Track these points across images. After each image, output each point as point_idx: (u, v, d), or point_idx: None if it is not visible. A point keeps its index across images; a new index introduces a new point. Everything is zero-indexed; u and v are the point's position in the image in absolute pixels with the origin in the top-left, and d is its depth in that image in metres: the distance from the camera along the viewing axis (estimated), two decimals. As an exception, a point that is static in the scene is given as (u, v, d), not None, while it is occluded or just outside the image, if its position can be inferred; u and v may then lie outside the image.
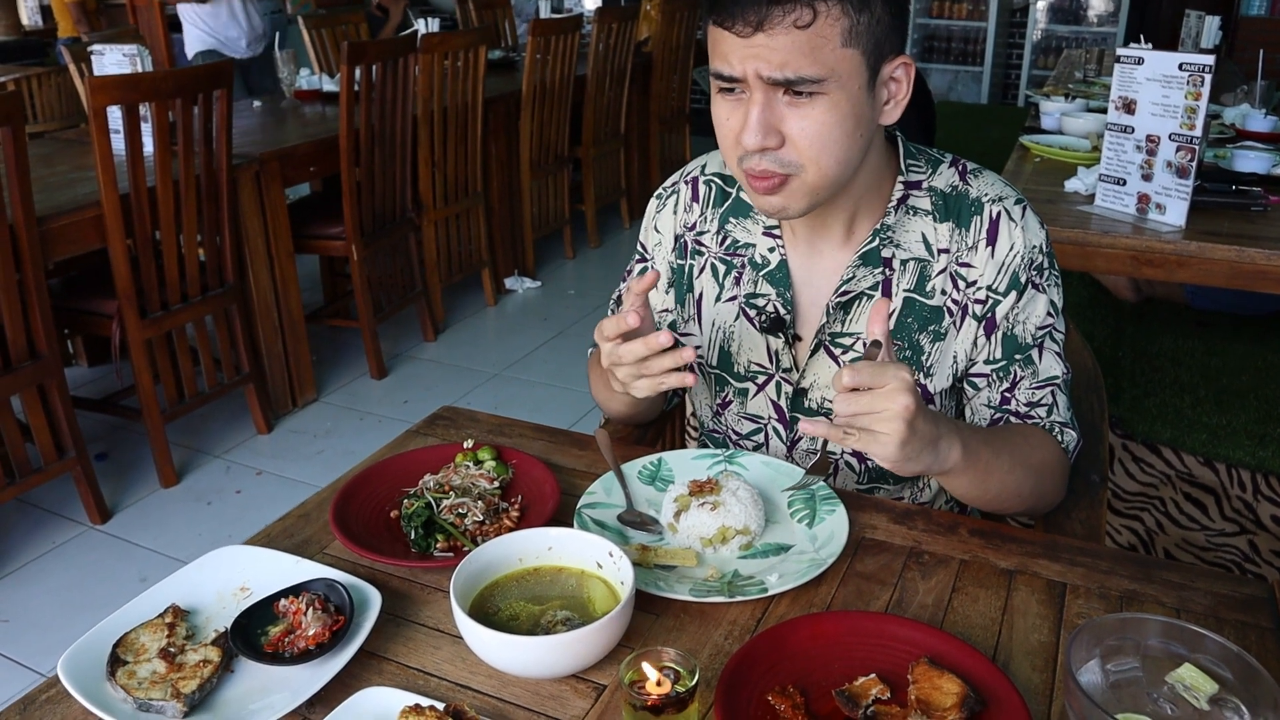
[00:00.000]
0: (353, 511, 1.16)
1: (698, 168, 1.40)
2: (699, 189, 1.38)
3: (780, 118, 1.07)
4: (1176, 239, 2.09)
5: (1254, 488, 2.14)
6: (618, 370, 1.11)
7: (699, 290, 1.37)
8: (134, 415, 2.99)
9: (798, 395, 1.31)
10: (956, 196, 1.24)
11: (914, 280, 1.24)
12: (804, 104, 1.06)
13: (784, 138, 1.08)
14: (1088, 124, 3.05)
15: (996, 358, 1.25)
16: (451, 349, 4.06)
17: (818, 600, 1.04)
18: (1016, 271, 1.22)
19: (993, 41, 8.46)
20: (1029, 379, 1.25)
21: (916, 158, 1.26)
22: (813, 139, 1.08)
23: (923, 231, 1.24)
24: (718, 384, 1.39)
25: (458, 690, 0.92)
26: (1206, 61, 2.01)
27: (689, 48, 5.76)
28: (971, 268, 1.23)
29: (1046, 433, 1.24)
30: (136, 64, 3.13)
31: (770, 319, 1.29)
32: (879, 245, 1.23)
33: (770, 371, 1.32)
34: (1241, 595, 1.05)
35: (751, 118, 1.07)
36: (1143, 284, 3.01)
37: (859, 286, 1.24)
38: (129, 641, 0.94)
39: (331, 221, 3.58)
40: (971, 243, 1.23)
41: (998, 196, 1.24)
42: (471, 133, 4.08)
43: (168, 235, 2.80)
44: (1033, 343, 1.24)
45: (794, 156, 1.09)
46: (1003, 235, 1.22)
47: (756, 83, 1.06)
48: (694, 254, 1.38)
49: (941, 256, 1.24)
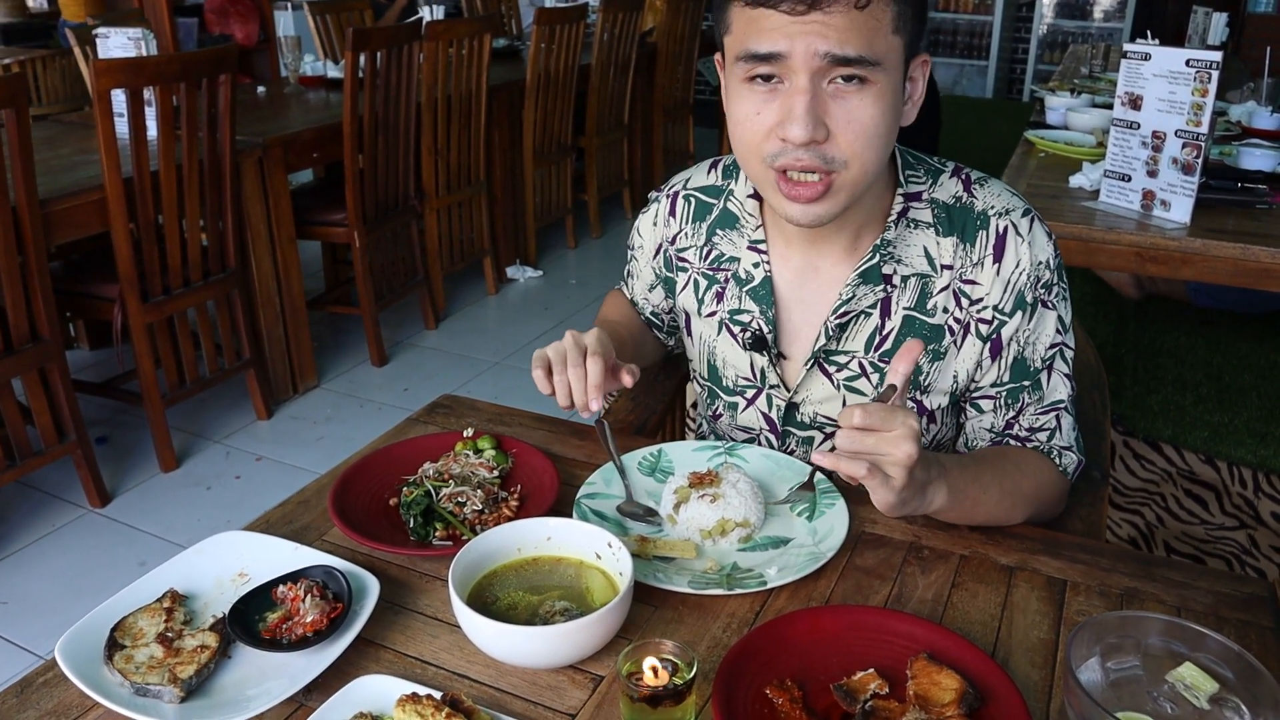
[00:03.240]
0: (352, 499, 1.16)
1: (681, 181, 1.37)
2: (677, 204, 1.35)
3: (825, 108, 1.02)
4: (1181, 236, 2.08)
5: (1255, 485, 2.14)
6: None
7: (681, 305, 1.36)
8: (135, 399, 2.99)
9: (790, 410, 1.29)
10: (961, 209, 1.19)
11: (915, 298, 1.20)
12: (851, 93, 1.01)
13: (829, 131, 1.02)
14: (1093, 119, 3.03)
15: (1004, 381, 1.21)
16: (452, 337, 4.05)
17: (817, 594, 1.04)
18: (1023, 291, 1.17)
19: (998, 36, 8.43)
20: (1035, 405, 1.21)
21: (915, 167, 1.21)
22: (859, 132, 1.02)
23: (925, 246, 1.19)
24: (709, 396, 1.38)
25: (455, 679, 0.92)
26: (1214, 58, 2.00)
27: (694, 38, 5.74)
28: (977, 285, 1.18)
29: (1044, 456, 1.21)
30: (141, 47, 3.12)
31: (753, 336, 1.26)
32: (879, 262, 1.18)
33: (758, 386, 1.30)
34: (1242, 594, 1.04)
35: (799, 107, 1.00)
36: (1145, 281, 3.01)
37: (858, 306, 1.20)
38: (127, 626, 0.94)
39: (334, 208, 3.57)
40: (977, 259, 1.18)
41: (1005, 209, 1.18)
42: (475, 121, 4.07)
43: (170, 219, 2.79)
44: (1043, 365, 1.20)
45: (837, 152, 1.03)
46: (1009, 252, 1.17)
47: (805, 66, 0.99)
48: (678, 269, 1.36)
49: (945, 273, 1.19)
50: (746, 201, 1.28)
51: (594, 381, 1.10)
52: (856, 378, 1.24)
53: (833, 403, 1.26)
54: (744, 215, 1.28)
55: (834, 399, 1.26)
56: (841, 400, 1.25)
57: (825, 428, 1.28)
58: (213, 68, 2.80)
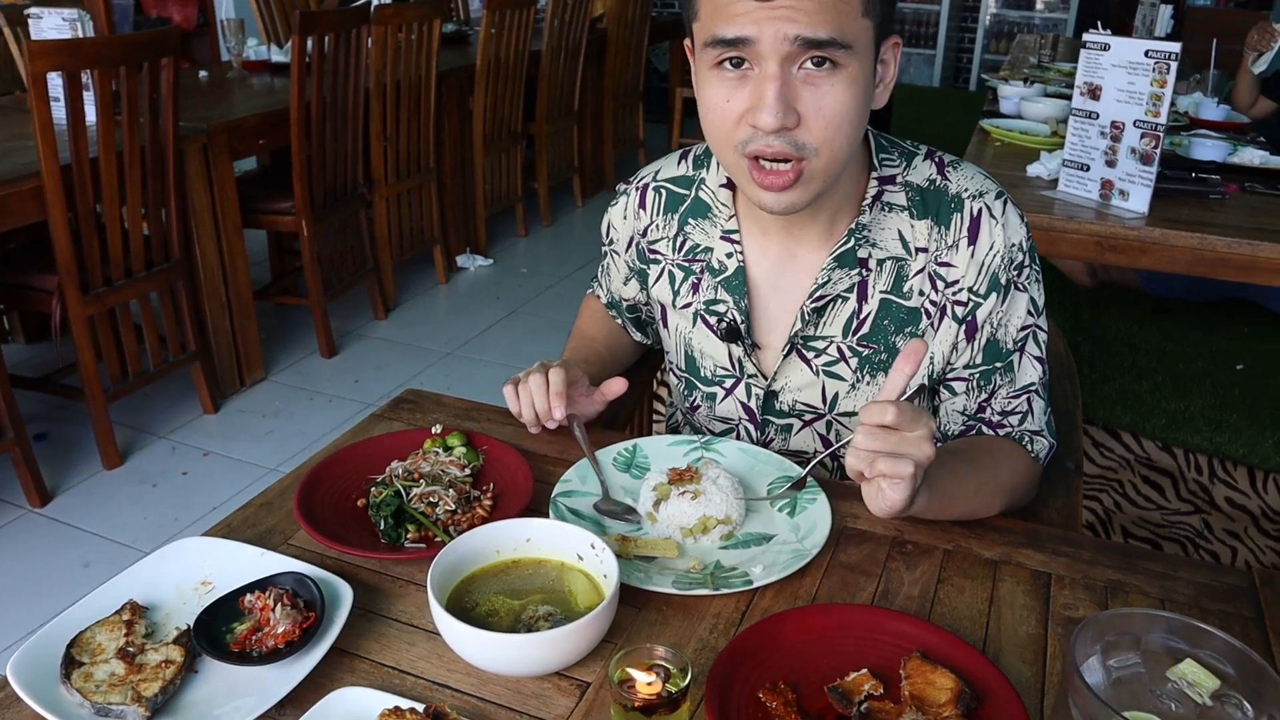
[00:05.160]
0: (318, 500, 1.11)
1: (650, 173, 1.35)
2: (647, 197, 1.33)
3: (795, 94, 1.00)
4: (1140, 225, 2.10)
5: (1210, 471, 2.18)
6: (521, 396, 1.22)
7: (656, 297, 1.34)
8: (75, 394, 2.89)
9: (769, 398, 1.28)
10: (935, 192, 1.18)
11: (890, 281, 1.19)
12: (822, 78, 1.00)
13: (799, 117, 1.01)
14: (1047, 109, 3.06)
15: (977, 363, 1.20)
16: (403, 327, 3.98)
17: (802, 592, 1.02)
18: (996, 272, 1.17)
19: (945, 25, 8.51)
20: (1007, 387, 1.21)
21: (889, 150, 1.20)
22: (830, 118, 1.01)
23: (899, 229, 1.18)
24: (686, 388, 1.35)
25: (435, 689, 0.88)
26: (1173, 49, 2.02)
27: (644, 25, 5.69)
28: (952, 267, 1.17)
29: (1016, 445, 1.21)
30: (77, 29, 3.00)
31: (727, 327, 1.25)
32: (855, 246, 1.17)
33: (737, 375, 1.29)
34: (1224, 585, 1.04)
35: (769, 94, 0.99)
36: (1099, 269, 3.04)
37: (834, 290, 1.19)
38: (84, 641, 0.89)
39: (281, 196, 3.48)
40: (952, 241, 1.17)
41: (978, 192, 1.18)
42: (425, 107, 3.99)
43: (111, 208, 2.69)
44: (1014, 347, 1.20)
45: (809, 138, 1.02)
46: (983, 234, 1.16)
47: (774, 51, 0.98)
48: (651, 261, 1.33)
49: (920, 255, 1.18)
50: (719, 191, 1.26)
51: (555, 389, 1.16)
52: (835, 362, 1.22)
53: (811, 389, 1.25)
54: (716, 205, 1.26)
55: (813, 385, 1.24)
56: (820, 387, 1.24)
57: (804, 415, 1.27)
58: (155, 51, 2.70)
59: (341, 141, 3.56)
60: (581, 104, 5.27)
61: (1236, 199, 2.37)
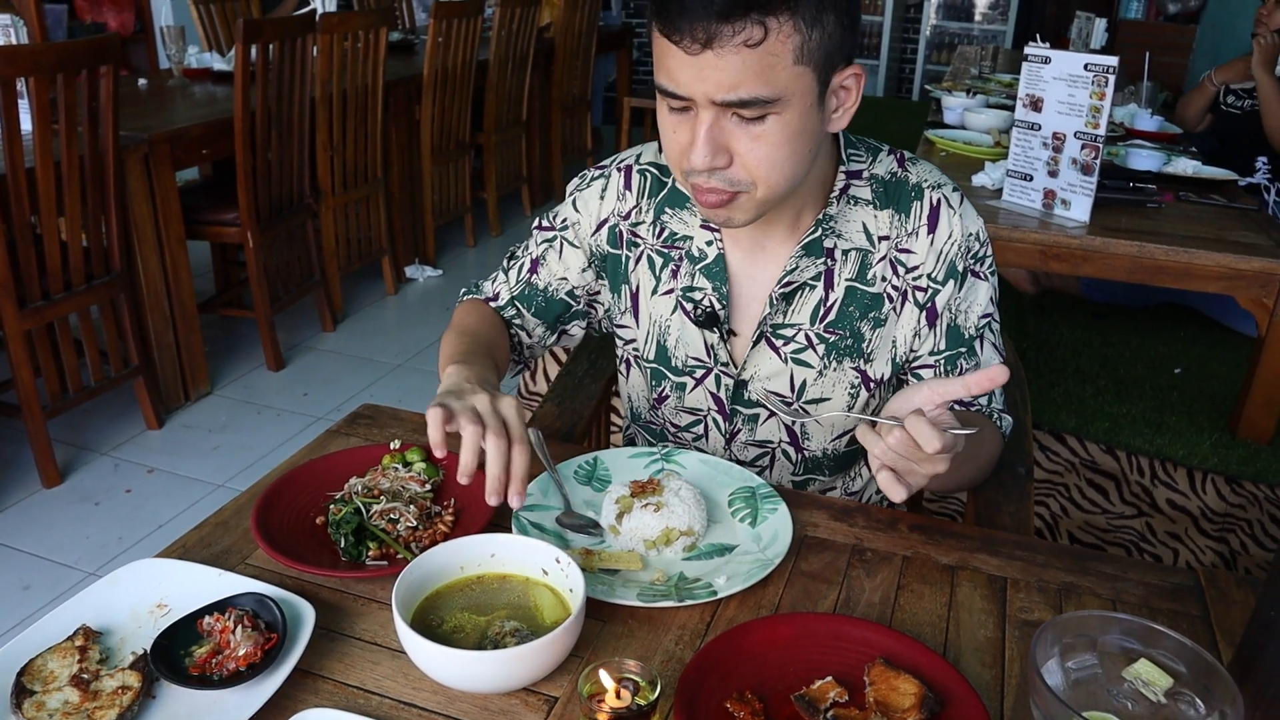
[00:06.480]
0: (276, 519, 1.10)
1: (632, 156, 1.35)
2: (633, 178, 1.33)
3: (729, 136, 1.04)
4: (1081, 234, 2.16)
5: (1151, 473, 2.23)
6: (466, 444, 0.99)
7: (635, 283, 1.33)
8: (12, 411, 2.81)
9: (738, 388, 1.30)
10: (896, 183, 1.24)
11: (855, 270, 1.24)
12: (754, 124, 1.03)
13: (732, 156, 1.05)
14: (990, 119, 3.12)
15: (941, 349, 1.25)
16: (352, 339, 3.94)
17: (766, 601, 1.03)
18: (954, 260, 1.22)
19: (888, 35, 8.64)
20: (973, 371, 1.25)
21: (857, 146, 1.25)
22: (762, 159, 1.05)
23: (864, 221, 1.23)
24: (654, 378, 1.36)
25: (401, 708, 0.87)
26: (1110, 62, 2.07)
27: (591, 34, 5.71)
28: (912, 253, 1.23)
29: (990, 421, 1.27)
30: (11, 35, 2.93)
31: (705, 313, 1.27)
32: (821, 235, 1.22)
33: (709, 365, 1.31)
34: (1171, 585, 1.07)
35: (699, 138, 1.03)
36: (1041, 276, 3.11)
37: (802, 277, 1.23)
38: (35, 669, 0.86)
39: (225, 207, 3.42)
40: (912, 228, 1.22)
41: (937, 183, 1.24)
42: (372, 117, 3.95)
43: (48, 220, 2.62)
44: (975, 334, 1.26)
45: (743, 175, 1.06)
46: (942, 222, 1.22)
47: (705, 103, 1.01)
48: (629, 245, 1.33)
49: (882, 244, 1.23)
50: None
51: (518, 474, 1.00)
52: (803, 350, 1.26)
53: (780, 378, 1.28)
54: None
55: (781, 374, 1.28)
56: (789, 375, 1.27)
57: (772, 403, 1.29)
58: (93, 58, 2.65)
59: (287, 151, 3.51)
60: (530, 113, 5.26)
61: (1172, 208, 2.44)
